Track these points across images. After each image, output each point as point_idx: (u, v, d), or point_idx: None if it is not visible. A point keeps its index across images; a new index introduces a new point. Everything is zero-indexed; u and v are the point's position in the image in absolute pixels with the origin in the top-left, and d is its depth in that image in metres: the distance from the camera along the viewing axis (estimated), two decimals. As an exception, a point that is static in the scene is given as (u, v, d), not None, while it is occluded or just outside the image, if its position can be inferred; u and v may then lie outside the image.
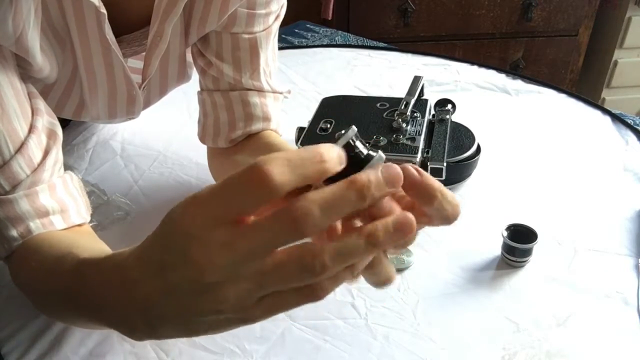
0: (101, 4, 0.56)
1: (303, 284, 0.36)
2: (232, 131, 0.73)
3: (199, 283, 0.36)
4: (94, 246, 0.55)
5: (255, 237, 0.35)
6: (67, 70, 0.64)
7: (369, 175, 0.36)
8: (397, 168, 0.37)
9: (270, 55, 0.74)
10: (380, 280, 0.41)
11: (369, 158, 0.38)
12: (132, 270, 0.40)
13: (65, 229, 0.57)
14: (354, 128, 0.38)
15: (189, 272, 0.36)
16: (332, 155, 0.36)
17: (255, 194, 0.34)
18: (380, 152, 0.38)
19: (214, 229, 0.35)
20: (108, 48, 0.61)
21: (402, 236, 0.37)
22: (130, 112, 0.73)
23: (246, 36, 0.70)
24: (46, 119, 0.57)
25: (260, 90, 0.72)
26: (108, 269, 0.44)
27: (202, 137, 0.77)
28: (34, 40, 0.53)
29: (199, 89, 0.76)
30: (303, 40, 1.29)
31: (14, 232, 0.54)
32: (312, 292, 0.37)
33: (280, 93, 0.75)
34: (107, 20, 0.58)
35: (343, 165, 0.37)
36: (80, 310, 0.49)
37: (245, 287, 0.36)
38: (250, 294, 0.37)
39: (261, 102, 0.72)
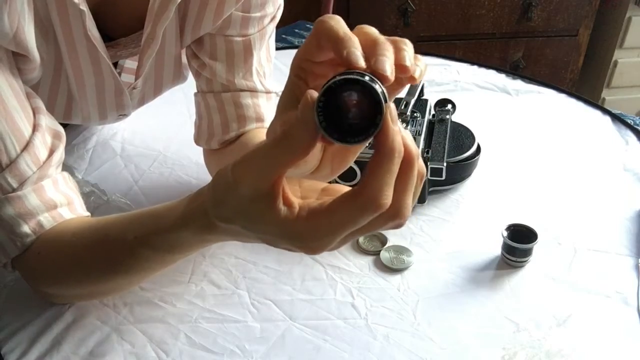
0: (82, 1, 0.56)
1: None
2: (225, 133, 0.73)
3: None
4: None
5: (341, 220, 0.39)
6: (50, 63, 0.64)
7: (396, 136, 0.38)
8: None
9: (264, 55, 0.74)
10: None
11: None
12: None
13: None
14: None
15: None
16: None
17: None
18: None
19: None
20: (93, 44, 0.62)
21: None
22: (120, 106, 0.73)
23: (240, 39, 0.70)
24: (48, 119, 0.58)
25: (253, 91, 0.72)
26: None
27: (197, 139, 0.77)
28: (31, 34, 0.53)
29: (195, 91, 0.76)
30: (303, 40, 1.28)
31: (26, 228, 0.56)
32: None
33: (274, 93, 0.75)
34: (90, 18, 0.58)
35: None
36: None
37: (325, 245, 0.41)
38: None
39: (254, 103, 0.73)
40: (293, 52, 0.42)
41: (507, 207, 0.78)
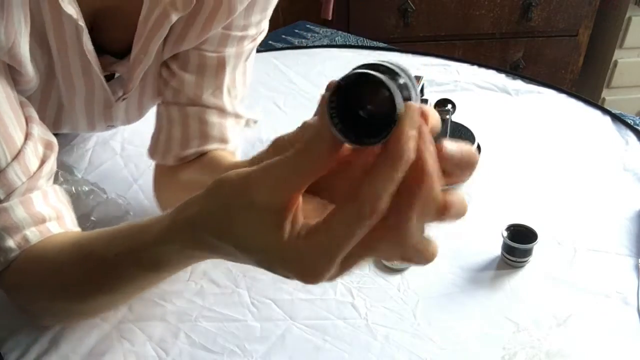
0: (80, 17, 0.55)
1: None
2: (184, 149, 0.69)
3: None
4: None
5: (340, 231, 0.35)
6: (43, 73, 0.62)
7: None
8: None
9: (240, 78, 0.70)
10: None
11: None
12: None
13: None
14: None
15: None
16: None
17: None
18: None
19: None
20: (86, 58, 0.60)
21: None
22: (109, 118, 0.72)
23: (214, 54, 0.67)
24: (41, 128, 0.57)
25: (220, 110, 0.69)
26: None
27: (152, 153, 0.72)
28: (26, 49, 0.53)
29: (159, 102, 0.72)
30: (303, 40, 1.28)
31: (11, 243, 0.53)
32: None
33: (246, 119, 0.72)
34: (86, 33, 0.57)
35: None
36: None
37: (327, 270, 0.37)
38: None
39: (220, 123, 0.69)
40: (293, 52, 0.41)
41: (507, 207, 0.78)
